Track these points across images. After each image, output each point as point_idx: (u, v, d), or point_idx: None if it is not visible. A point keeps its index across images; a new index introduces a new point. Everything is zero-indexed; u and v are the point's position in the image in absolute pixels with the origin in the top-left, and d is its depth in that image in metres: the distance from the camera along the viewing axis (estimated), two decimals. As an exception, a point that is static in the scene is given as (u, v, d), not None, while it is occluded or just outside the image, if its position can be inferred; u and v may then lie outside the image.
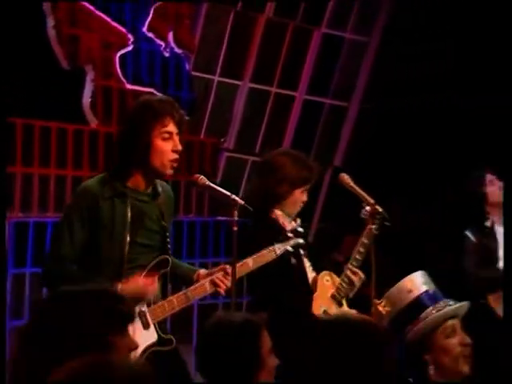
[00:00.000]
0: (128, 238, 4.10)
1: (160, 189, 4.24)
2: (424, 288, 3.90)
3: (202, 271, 4.37)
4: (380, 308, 4.28)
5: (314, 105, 8.95)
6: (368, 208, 4.91)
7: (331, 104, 9.05)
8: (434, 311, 3.76)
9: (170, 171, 4.14)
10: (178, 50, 7.61)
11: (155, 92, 7.39)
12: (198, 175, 4.40)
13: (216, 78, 8.20)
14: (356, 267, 4.93)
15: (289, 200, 4.88)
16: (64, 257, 4.03)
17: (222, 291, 4.25)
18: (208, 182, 4.35)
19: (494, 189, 6.27)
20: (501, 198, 6.18)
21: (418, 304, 3.86)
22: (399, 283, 4.05)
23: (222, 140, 8.37)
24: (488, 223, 6.32)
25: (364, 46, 9.09)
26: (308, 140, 8.84)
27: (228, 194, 4.29)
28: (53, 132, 6.85)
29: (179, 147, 4.12)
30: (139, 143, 4.07)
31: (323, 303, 4.92)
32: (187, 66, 7.75)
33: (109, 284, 3.95)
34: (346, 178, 4.98)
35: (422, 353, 3.64)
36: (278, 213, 4.84)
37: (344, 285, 4.96)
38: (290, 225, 4.83)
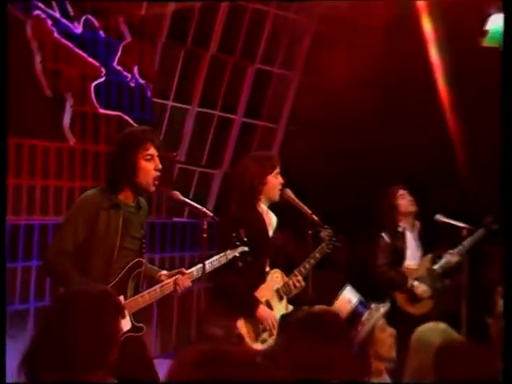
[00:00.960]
0: (118, 243, 4.19)
1: (141, 203, 4.37)
2: (355, 299, 4.13)
3: (163, 272, 4.45)
4: None
5: (249, 126, 9.02)
6: (326, 231, 5.10)
7: (263, 125, 9.11)
8: (369, 314, 3.99)
9: (152, 188, 4.24)
10: (141, 81, 7.66)
11: (123, 115, 7.52)
12: (174, 192, 4.59)
13: (170, 103, 8.18)
14: (303, 275, 5.04)
15: (267, 187, 4.99)
16: (66, 251, 4.09)
17: (179, 290, 4.32)
18: (182, 197, 4.54)
19: (404, 201, 6.39)
20: (409, 209, 6.40)
21: (355, 312, 4.09)
22: (339, 299, 4.23)
23: (175, 154, 8.29)
24: (400, 229, 6.43)
25: (288, 78, 9.12)
26: (244, 154, 8.91)
27: (199, 207, 4.49)
28: (38, 149, 6.91)
29: (160, 166, 4.22)
30: (128, 164, 4.17)
31: (267, 294, 5.01)
32: (149, 94, 7.80)
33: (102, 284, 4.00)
34: (288, 192, 5.09)
35: (367, 347, 3.92)
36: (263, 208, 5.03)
37: (289, 284, 5.04)
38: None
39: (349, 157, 8.42)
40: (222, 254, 4.53)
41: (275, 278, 5.05)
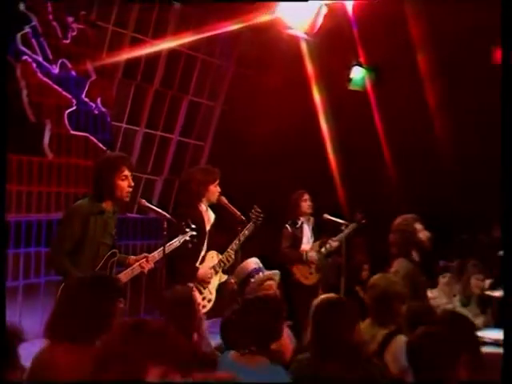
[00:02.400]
0: (101, 240, 4.25)
1: (116, 208, 4.40)
2: (254, 266, 4.26)
3: (132, 257, 4.50)
4: (232, 280, 4.63)
5: (183, 143, 9.03)
6: (254, 214, 5.33)
7: (194, 143, 9.16)
8: (258, 276, 4.10)
9: (126, 199, 4.32)
10: (103, 109, 7.69)
11: (89, 136, 7.52)
12: (141, 199, 4.71)
13: (124, 125, 8.19)
14: (234, 250, 5.16)
15: (208, 193, 5.11)
16: (64, 249, 4.14)
17: (145, 271, 4.39)
18: (147, 204, 4.66)
19: (306, 204, 6.58)
20: (309, 210, 6.57)
21: (251, 274, 4.21)
22: (241, 264, 4.39)
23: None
24: (299, 222, 6.59)
25: (213, 107, 9.21)
26: (180, 166, 8.82)
27: (160, 211, 4.57)
28: (24, 162, 6.95)
29: (132, 184, 4.30)
30: (108, 183, 4.22)
31: (205, 269, 5.08)
32: (108, 119, 7.80)
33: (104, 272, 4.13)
34: (223, 198, 5.22)
35: None
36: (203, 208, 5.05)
37: (222, 261, 5.17)
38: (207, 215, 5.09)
39: (260, 167, 8.49)
40: (176, 239, 4.57)
41: (211, 258, 5.13)
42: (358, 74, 8.11)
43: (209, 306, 5.09)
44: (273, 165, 8.52)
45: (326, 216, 6.40)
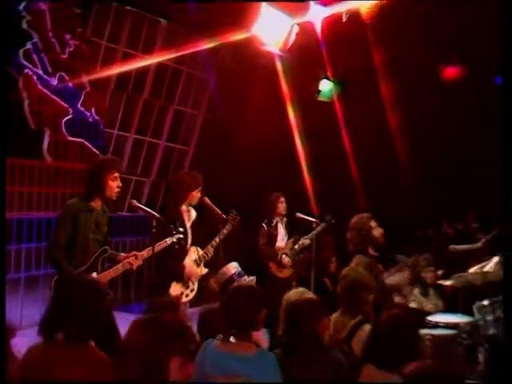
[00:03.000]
0: (92, 237, 4.26)
1: (105, 207, 4.42)
2: (233, 270, 4.28)
3: (122, 254, 4.49)
4: (212, 283, 4.69)
5: (170, 148, 9.06)
6: (231, 215, 5.28)
7: (179, 148, 9.19)
8: (238, 281, 4.06)
9: (114, 198, 4.35)
10: (96, 117, 7.71)
11: (84, 142, 7.52)
12: (132, 200, 4.73)
13: (115, 132, 8.24)
14: (214, 247, 5.14)
15: (191, 197, 5.07)
16: (60, 244, 4.16)
17: (133, 267, 4.38)
18: (137, 204, 4.64)
19: (282, 205, 6.53)
20: (283, 211, 6.52)
21: (232, 278, 4.22)
22: (222, 269, 4.33)
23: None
24: (274, 222, 6.57)
25: (196, 115, 9.26)
26: (166, 168, 8.93)
27: (150, 211, 4.51)
28: (26, 166, 6.97)
29: (120, 184, 4.32)
30: (100, 183, 4.26)
31: (189, 264, 5.04)
32: (101, 127, 7.82)
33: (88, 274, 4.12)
34: (206, 199, 5.23)
35: None
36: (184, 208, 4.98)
37: (203, 256, 5.13)
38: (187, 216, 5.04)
39: (240, 170, 8.56)
40: (164, 240, 4.53)
41: (193, 253, 5.09)
42: (325, 86, 8.22)
43: (191, 295, 5.10)
44: (251, 168, 8.55)
45: (299, 215, 6.42)
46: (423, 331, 4.20)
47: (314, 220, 6.38)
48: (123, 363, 1.88)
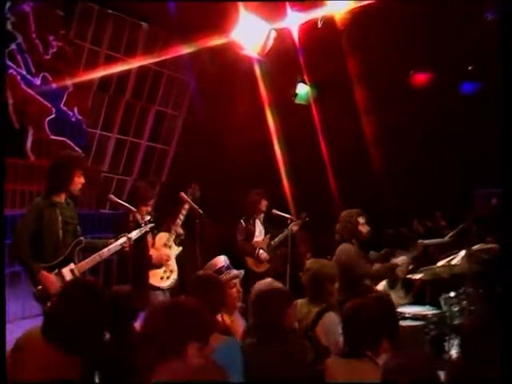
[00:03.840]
0: (60, 229, 4.28)
1: (68, 201, 4.44)
2: (222, 263, 4.18)
3: (111, 240, 4.52)
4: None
5: (151, 148, 8.99)
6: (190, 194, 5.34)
7: (160, 147, 9.10)
8: (227, 273, 3.97)
9: (78, 193, 4.43)
10: (79, 117, 7.63)
11: (67, 140, 7.42)
12: (110, 195, 4.89)
13: (98, 132, 8.16)
14: (178, 226, 5.23)
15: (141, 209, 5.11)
16: (23, 239, 4.19)
17: (127, 248, 4.44)
18: (116, 199, 4.78)
19: (264, 203, 6.65)
20: (263, 208, 6.55)
21: (220, 270, 4.08)
22: (212, 260, 4.24)
23: (100, 166, 8.15)
24: (252, 218, 6.66)
25: (177, 116, 9.15)
26: (148, 167, 8.92)
27: (127, 205, 4.72)
28: (9, 164, 6.76)
29: (83, 180, 4.40)
30: (66, 177, 4.31)
31: (160, 249, 5.17)
32: (84, 126, 7.74)
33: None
34: (182, 194, 5.42)
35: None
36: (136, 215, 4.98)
37: (171, 237, 5.23)
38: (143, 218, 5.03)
39: (219, 169, 8.53)
40: (138, 230, 4.64)
41: (160, 239, 5.20)
42: (302, 89, 8.26)
43: (173, 276, 5.15)
44: (231, 167, 8.60)
45: (275, 211, 6.55)
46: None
47: (289, 216, 6.51)
48: (140, 350, 1.87)
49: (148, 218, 4.92)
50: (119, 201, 4.80)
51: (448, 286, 4.93)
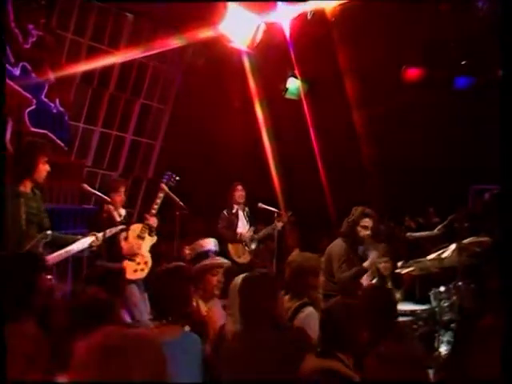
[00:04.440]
0: (24, 218, 4.17)
1: (35, 190, 4.32)
2: (212, 247, 4.13)
3: (79, 237, 4.45)
4: (187, 251, 4.51)
5: (136, 142, 8.84)
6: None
7: (146, 142, 8.96)
8: (212, 258, 3.90)
9: (42, 181, 4.29)
10: (61, 109, 7.42)
11: (48, 133, 7.19)
12: (83, 184, 4.81)
13: (81, 125, 8.01)
14: (153, 216, 5.11)
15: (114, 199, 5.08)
16: None
17: (95, 247, 4.41)
18: (89, 188, 4.77)
19: (238, 193, 6.59)
20: (241, 199, 6.49)
21: (207, 253, 4.09)
22: (200, 240, 4.21)
23: (84, 161, 8.02)
24: (234, 209, 6.64)
25: (163, 110, 9.01)
26: (133, 163, 8.76)
27: (101, 195, 4.70)
28: None
29: (48, 168, 4.27)
30: (30, 165, 4.19)
31: (133, 241, 5.09)
32: (66, 118, 7.53)
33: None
34: (163, 186, 5.28)
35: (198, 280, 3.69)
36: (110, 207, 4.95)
37: (144, 228, 5.12)
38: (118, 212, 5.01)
39: (207, 164, 8.44)
40: (109, 230, 4.52)
41: (133, 231, 5.11)
42: (293, 84, 8.09)
43: (147, 267, 5.05)
44: (219, 162, 8.49)
45: (261, 205, 6.44)
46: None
47: (275, 210, 6.39)
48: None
49: (124, 213, 4.86)
50: (92, 190, 4.72)
51: (439, 281, 4.74)
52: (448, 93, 7.72)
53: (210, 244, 4.12)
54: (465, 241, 4.60)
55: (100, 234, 4.37)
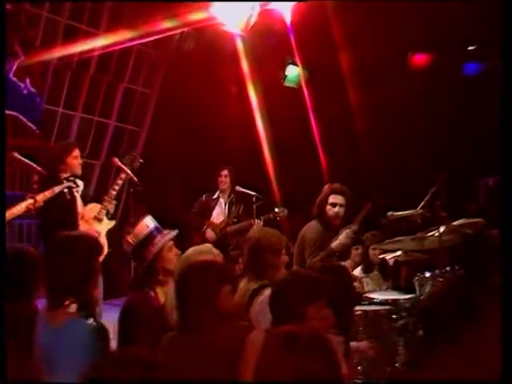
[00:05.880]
0: None
1: None
2: (153, 224, 3.62)
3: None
4: (129, 239, 4.21)
5: (120, 129, 8.42)
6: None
7: (131, 129, 8.54)
8: (161, 237, 3.45)
9: None
10: (32, 89, 6.98)
11: (17, 115, 6.80)
12: (14, 153, 4.35)
13: (60, 110, 7.62)
14: (112, 199, 4.72)
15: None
16: None
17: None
18: (19, 156, 4.35)
19: (220, 178, 6.16)
20: (225, 185, 6.09)
21: (150, 234, 3.52)
22: (139, 223, 3.65)
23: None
24: (215, 195, 6.18)
25: (149, 95, 8.59)
26: (117, 150, 8.26)
27: (33, 164, 4.34)
28: None
29: None
30: None
31: (89, 222, 4.66)
32: (38, 99, 7.05)
33: None
34: (115, 160, 4.95)
35: (156, 263, 3.32)
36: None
37: (102, 210, 4.69)
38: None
39: (197, 152, 8.04)
40: (54, 188, 4.19)
41: (90, 210, 4.70)
42: (292, 71, 7.67)
43: (104, 253, 4.42)
44: (210, 149, 8.02)
45: (238, 188, 6.03)
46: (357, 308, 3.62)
47: (253, 193, 5.95)
48: None
49: (81, 185, 4.49)
50: (22, 158, 4.33)
51: (426, 267, 4.04)
52: (456, 79, 7.31)
53: (148, 224, 3.59)
54: (455, 222, 4.05)
55: (40, 196, 3.93)
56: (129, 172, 4.79)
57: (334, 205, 4.43)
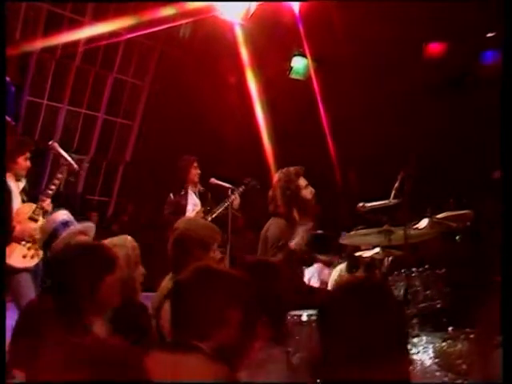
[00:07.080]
0: None
1: None
2: (62, 218, 3.42)
3: None
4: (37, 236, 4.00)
5: (110, 122, 8.07)
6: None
7: (121, 122, 8.15)
8: (67, 233, 3.11)
9: None
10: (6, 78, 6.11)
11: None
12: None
13: (45, 102, 7.35)
14: (50, 197, 4.35)
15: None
16: None
17: None
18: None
19: (194, 171, 5.71)
20: (195, 178, 5.70)
21: (58, 228, 3.36)
22: (48, 217, 3.57)
23: (50, 142, 7.64)
24: (183, 191, 5.73)
25: (140, 86, 8.20)
26: (107, 144, 8.05)
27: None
28: None
29: None
30: None
31: (24, 222, 4.32)
32: (12, 88, 6.31)
33: None
34: (54, 145, 4.52)
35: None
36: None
37: (38, 209, 4.34)
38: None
39: (193, 145, 7.15)
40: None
41: (25, 210, 4.34)
42: (299, 63, 7.25)
43: (37, 256, 4.29)
44: (206, 142, 7.57)
45: (213, 180, 5.54)
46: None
47: (229, 186, 5.44)
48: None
49: (22, 184, 4.22)
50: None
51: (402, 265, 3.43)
52: (473, 68, 7.05)
53: (59, 216, 3.36)
54: (439, 215, 3.58)
55: None
56: (69, 159, 4.33)
57: (306, 186, 3.91)
